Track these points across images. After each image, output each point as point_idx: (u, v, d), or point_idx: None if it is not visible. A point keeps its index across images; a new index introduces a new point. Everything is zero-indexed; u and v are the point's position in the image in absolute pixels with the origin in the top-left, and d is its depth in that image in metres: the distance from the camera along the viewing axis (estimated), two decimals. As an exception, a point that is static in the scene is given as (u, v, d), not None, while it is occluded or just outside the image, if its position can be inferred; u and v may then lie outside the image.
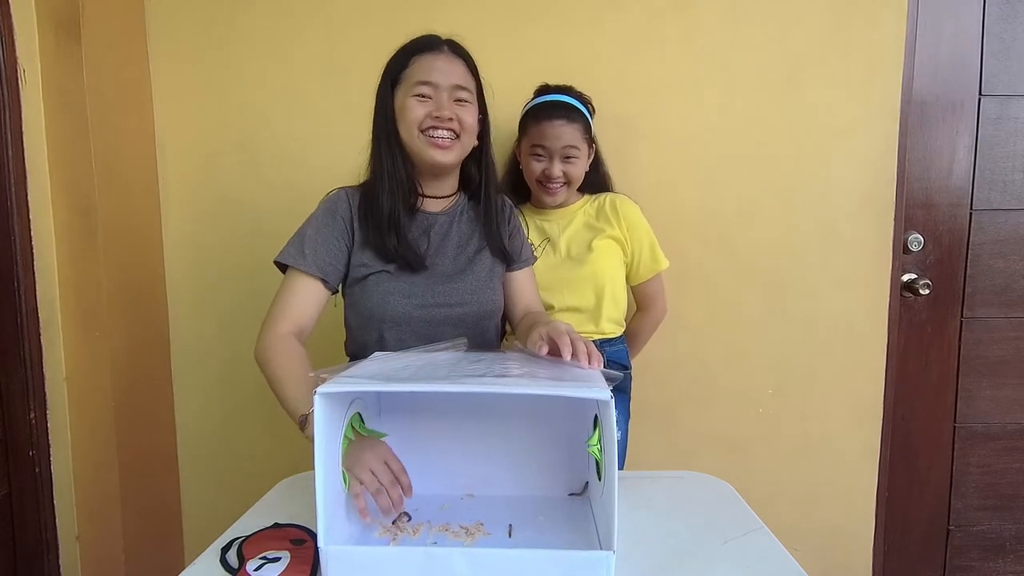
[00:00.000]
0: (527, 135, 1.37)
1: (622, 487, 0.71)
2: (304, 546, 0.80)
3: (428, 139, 1.08)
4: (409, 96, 1.08)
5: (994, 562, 1.80)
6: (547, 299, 1.36)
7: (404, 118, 1.09)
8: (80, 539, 1.40)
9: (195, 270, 1.64)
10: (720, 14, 1.58)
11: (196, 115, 1.60)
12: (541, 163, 1.36)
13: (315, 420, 0.71)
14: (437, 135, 1.08)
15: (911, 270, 1.71)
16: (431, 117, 1.07)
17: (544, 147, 1.34)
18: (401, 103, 1.09)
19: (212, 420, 1.68)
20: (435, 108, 1.07)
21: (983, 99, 1.67)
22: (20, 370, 1.31)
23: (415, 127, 1.08)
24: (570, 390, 0.71)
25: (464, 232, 1.19)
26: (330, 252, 1.09)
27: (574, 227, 1.41)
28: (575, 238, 1.41)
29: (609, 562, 0.70)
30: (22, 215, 1.30)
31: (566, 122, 1.34)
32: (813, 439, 1.68)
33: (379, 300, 1.09)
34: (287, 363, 1.00)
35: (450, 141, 1.09)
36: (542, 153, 1.35)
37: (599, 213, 1.43)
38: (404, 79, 1.10)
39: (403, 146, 1.10)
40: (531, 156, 1.36)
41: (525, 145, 1.38)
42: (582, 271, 1.37)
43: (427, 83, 1.08)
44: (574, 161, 1.36)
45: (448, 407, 0.94)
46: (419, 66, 1.09)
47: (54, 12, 1.32)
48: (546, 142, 1.34)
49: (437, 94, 1.08)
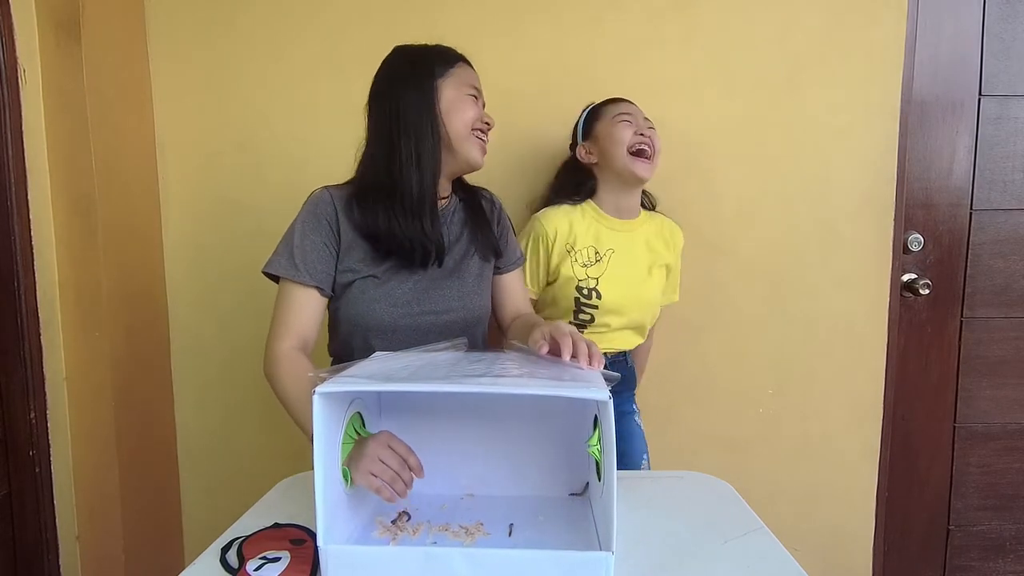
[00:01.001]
0: (606, 113, 1.36)
1: (622, 487, 0.71)
2: (304, 546, 0.80)
3: (477, 139, 1.11)
4: (465, 93, 1.09)
5: (994, 562, 1.80)
6: (605, 317, 1.36)
7: (460, 110, 1.08)
8: (80, 539, 1.40)
9: (195, 270, 1.64)
10: (720, 14, 1.58)
11: (196, 115, 1.60)
12: (630, 127, 1.33)
13: (315, 420, 0.71)
14: (484, 138, 1.12)
15: (911, 270, 1.71)
16: (481, 120, 1.11)
17: (629, 114, 1.34)
18: (456, 96, 1.08)
19: (212, 420, 1.68)
20: (484, 114, 1.12)
21: (983, 99, 1.66)
22: (20, 370, 1.31)
23: (469, 124, 1.09)
24: (569, 390, 0.71)
25: (454, 234, 1.16)
26: (321, 259, 1.06)
27: (637, 246, 1.40)
28: (639, 258, 1.40)
29: (608, 563, 0.70)
30: (22, 215, 1.30)
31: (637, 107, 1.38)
32: (813, 439, 1.68)
33: (364, 308, 1.07)
34: (296, 383, 0.98)
35: (485, 146, 1.13)
36: (628, 119, 1.33)
37: (659, 235, 1.43)
38: (453, 75, 1.09)
39: (442, 140, 1.08)
40: (618, 123, 1.33)
41: (606, 121, 1.35)
42: (639, 294, 1.38)
43: (477, 88, 1.12)
44: (655, 132, 1.35)
45: (448, 407, 0.94)
46: (466, 72, 1.12)
47: (54, 12, 1.32)
48: (629, 110, 1.35)
49: (480, 100, 1.12)
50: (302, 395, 0.95)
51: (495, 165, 1.58)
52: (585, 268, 1.35)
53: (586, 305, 1.36)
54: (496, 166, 1.58)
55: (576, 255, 1.35)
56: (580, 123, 1.42)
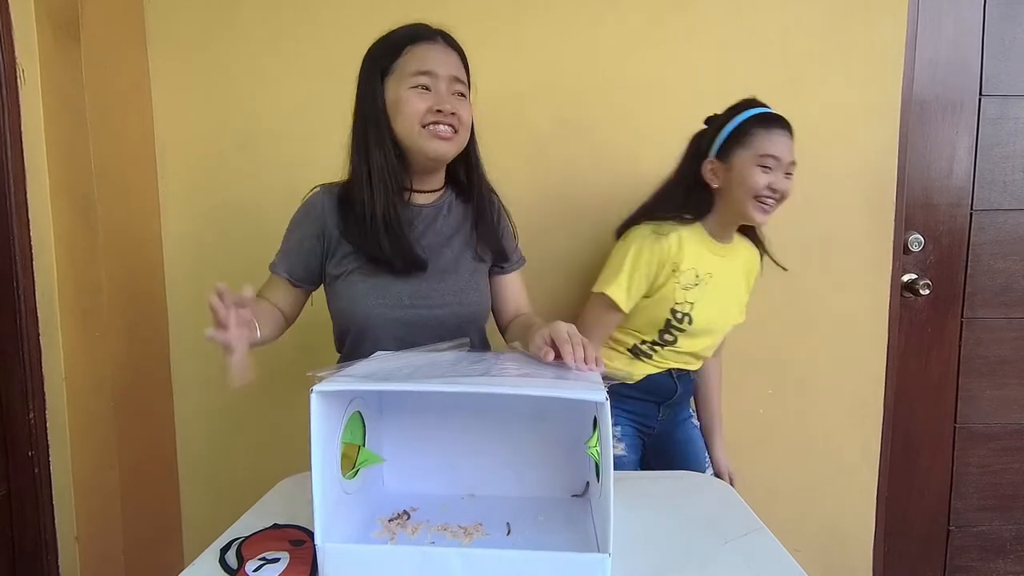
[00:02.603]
0: (753, 144, 1.25)
1: (622, 487, 0.71)
2: (303, 547, 0.80)
3: (430, 132, 1.03)
4: (406, 88, 1.03)
5: (994, 562, 1.80)
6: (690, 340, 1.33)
7: (401, 111, 1.03)
8: (80, 539, 1.40)
9: (195, 270, 1.64)
10: (720, 14, 1.58)
11: (196, 115, 1.60)
12: (768, 176, 1.24)
13: (313, 419, 0.71)
14: (439, 128, 1.03)
15: (911, 270, 1.71)
16: (432, 112, 1.02)
17: (776, 158, 1.24)
18: (396, 95, 1.03)
19: (212, 420, 1.68)
20: (436, 102, 1.02)
21: (983, 99, 1.66)
22: (19, 370, 1.31)
23: (415, 122, 1.02)
24: (567, 392, 0.71)
25: (449, 227, 1.14)
26: (300, 254, 1.11)
27: (735, 272, 1.37)
28: (735, 284, 1.38)
29: (605, 565, 0.69)
30: (22, 215, 1.30)
31: (790, 137, 1.27)
32: (813, 439, 1.68)
33: (348, 302, 1.08)
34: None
35: (451, 133, 1.05)
36: (771, 165, 1.24)
37: (751, 259, 1.41)
38: (397, 69, 1.04)
39: (396, 141, 1.05)
40: (758, 168, 1.24)
41: (749, 155, 1.25)
42: (727, 321, 1.38)
43: (427, 72, 1.03)
44: (791, 179, 1.28)
45: (448, 407, 0.94)
46: (414, 56, 1.04)
47: (54, 12, 1.32)
48: (779, 152, 1.24)
49: (436, 84, 1.03)
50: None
51: (495, 165, 1.59)
52: (685, 291, 1.29)
53: (675, 328, 1.31)
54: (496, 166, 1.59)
55: (679, 276, 1.28)
56: (721, 137, 1.29)
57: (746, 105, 1.30)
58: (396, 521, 0.85)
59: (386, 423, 0.93)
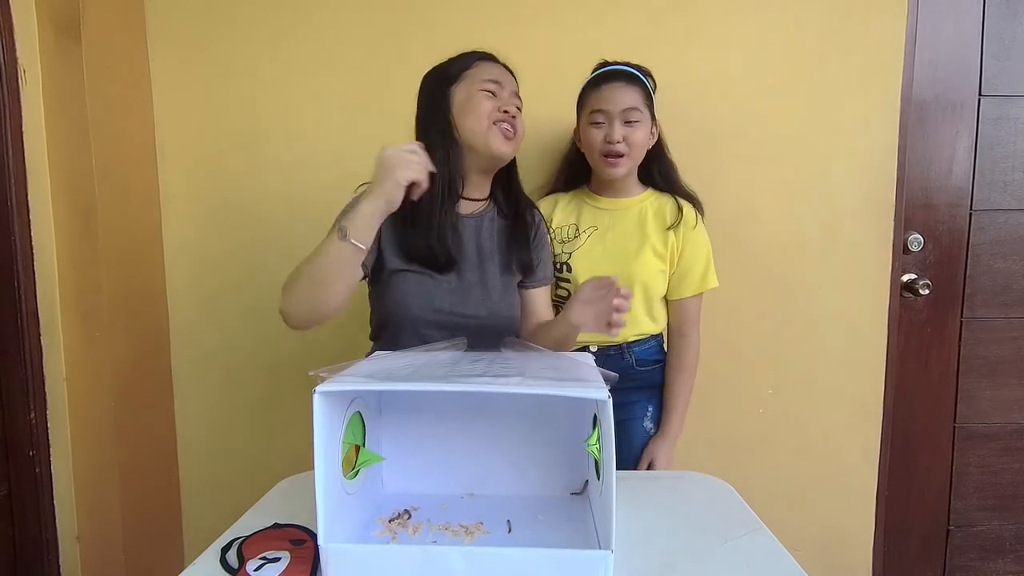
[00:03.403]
0: (586, 105, 1.33)
1: (622, 487, 0.71)
2: (304, 546, 0.80)
3: (497, 129, 1.12)
4: (477, 90, 1.13)
5: (994, 562, 1.80)
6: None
7: (472, 109, 1.12)
8: (80, 539, 1.40)
9: (195, 270, 1.64)
10: (720, 14, 1.58)
11: (196, 115, 1.60)
12: (601, 130, 1.29)
13: (315, 419, 0.71)
14: (504, 127, 1.13)
15: (911, 270, 1.71)
16: (499, 111, 1.13)
17: (604, 111, 1.29)
18: (467, 95, 1.13)
19: (212, 420, 1.68)
20: (503, 102, 1.13)
21: (983, 99, 1.66)
22: (20, 370, 1.31)
23: (484, 117, 1.11)
24: (568, 390, 0.71)
25: (487, 240, 1.20)
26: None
27: (626, 224, 1.37)
28: (624, 236, 1.36)
29: (607, 561, 0.70)
30: (22, 215, 1.30)
31: (625, 83, 1.30)
32: (813, 439, 1.68)
33: (396, 300, 1.12)
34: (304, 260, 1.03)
35: (513, 134, 1.15)
36: (602, 120, 1.29)
37: (657, 217, 1.37)
38: (467, 77, 1.14)
39: (458, 142, 1.13)
40: (591, 125, 1.31)
41: (584, 116, 1.33)
42: (619, 268, 1.30)
43: (495, 81, 1.14)
44: (636, 125, 1.29)
45: (448, 406, 0.94)
46: (483, 68, 1.15)
47: (54, 12, 1.32)
48: (605, 105, 1.29)
49: (501, 92, 1.14)
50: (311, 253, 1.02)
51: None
52: (562, 244, 1.37)
53: (560, 280, 1.36)
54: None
55: (554, 233, 1.37)
56: (577, 107, 1.39)
57: (594, 70, 1.37)
58: (397, 521, 0.85)
59: (386, 423, 0.93)
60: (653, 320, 1.40)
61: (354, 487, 0.83)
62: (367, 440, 0.88)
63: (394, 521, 0.85)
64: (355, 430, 0.85)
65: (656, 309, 1.40)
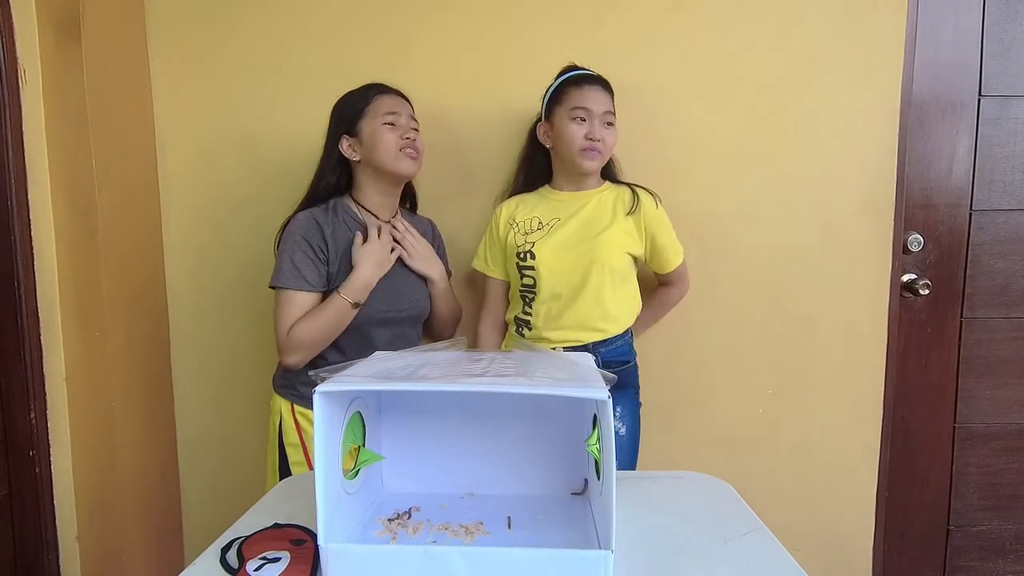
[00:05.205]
0: (566, 101, 1.38)
1: (622, 487, 0.71)
2: (304, 546, 0.80)
3: (404, 154, 1.33)
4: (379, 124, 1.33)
5: (994, 562, 1.80)
6: (545, 280, 1.39)
7: (379, 143, 1.32)
8: (80, 539, 1.40)
9: (195, 270, 1.64)
10: (720, 15, 1.58)
11: (196, 115, 1.60)
12: (583, 126, 1.36)
13: (315, 420, 0.71)
14: (408, 150, 1.34)
15: (911, 270, 1.71)
16: (402, 138, 1.33)
17: (587, 109, 1.36)
18: (371, 130, 1.33)
19: (212, 420, 1.68)
20: (401, 131, 1.33)
21: (983, 99, 1.67)
22: (20, 370, 1.31)
23: (393, 147, 1.32)
24: (568, 390, 0.71)
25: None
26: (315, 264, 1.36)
27: (588, 211, 1.42)
28: (587, 221, 1.42)
29: (607, 561, 0.69)
30: (22, 215, 1.30)
31: (602, 88, 1.40)
32: (813, 439, 1.68)
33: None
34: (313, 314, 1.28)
35: (416, 154, 1.36)
36: (584, 116, 1.36)
37: (617, 202, 1.43)
38: (369, 113, 1.34)
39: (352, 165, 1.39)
40: (572, 121, 1.37)
41: (563, 111, 1.38)
42: (581, 249, 1.39)
43: (393, 112, 1.34)
44: (611, 128, 1.40)
45: (448, 406, 0.94)
46: (382, 102, 1.35)
47: (54, 12, 1.32)
48: (589, 104, 1.36)
49: (399, 120, 1.35)
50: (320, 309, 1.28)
51: (495, 165, 1.59)
52: (526, 235, 1.43)
53: (524, 268, 1.42)
54: (497, 166, 1.59)
55: (518, 226, 1.44)
56: (544, 101, 1.44)
57: (564, 71, 1.43)
58: (397, 521, 0.85)
59: (385, 423, 0.93)
60: (615, 321, 1.42)
61: (354, 487, 0.83)
62: (367, 440, 0.88)
63: (394, 521, 0.85)
64: (355, 430, 0.85)
65: (622, 298, 1.43)
